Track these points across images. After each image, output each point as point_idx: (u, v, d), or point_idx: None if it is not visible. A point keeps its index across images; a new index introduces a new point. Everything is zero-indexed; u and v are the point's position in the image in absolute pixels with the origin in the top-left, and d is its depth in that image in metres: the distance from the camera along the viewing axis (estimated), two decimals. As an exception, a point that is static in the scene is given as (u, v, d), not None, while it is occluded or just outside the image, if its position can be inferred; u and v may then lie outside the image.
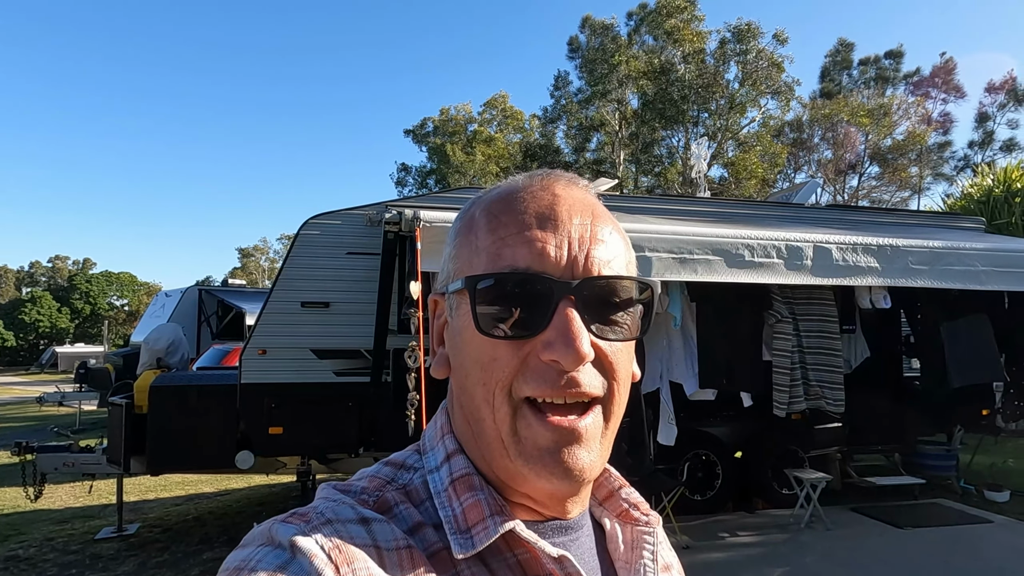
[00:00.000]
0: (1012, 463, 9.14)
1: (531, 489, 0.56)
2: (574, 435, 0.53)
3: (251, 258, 56.34)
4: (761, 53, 23.83)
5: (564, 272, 0.53)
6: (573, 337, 0.51)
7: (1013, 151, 27.20)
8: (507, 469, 0.55)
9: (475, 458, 0.58)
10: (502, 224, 0.56)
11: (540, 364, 0.52)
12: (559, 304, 0.52)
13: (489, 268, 0.54)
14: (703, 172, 10.68)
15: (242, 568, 0.47)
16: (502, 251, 0.54)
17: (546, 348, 0.52)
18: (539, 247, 0.54)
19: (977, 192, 14.27)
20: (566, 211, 0.56)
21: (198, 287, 14.34)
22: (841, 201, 24.45)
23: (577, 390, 0.52)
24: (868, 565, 5.20)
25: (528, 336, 0.53)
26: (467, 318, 0.55)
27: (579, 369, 0.52)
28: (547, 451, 0.52)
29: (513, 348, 0.53)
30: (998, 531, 6.11)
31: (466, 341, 0.56)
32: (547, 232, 0.54)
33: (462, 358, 0.57)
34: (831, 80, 29.28)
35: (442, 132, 30.37)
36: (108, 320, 38.16)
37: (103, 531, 6.47)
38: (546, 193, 0.57)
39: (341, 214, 5.69)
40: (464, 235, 0.59)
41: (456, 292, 0.57)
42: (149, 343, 6.54)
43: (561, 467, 0.52)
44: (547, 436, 0.52)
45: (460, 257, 0.58)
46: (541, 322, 0.52)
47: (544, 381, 0.52)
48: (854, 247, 4.85)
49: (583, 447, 0.53)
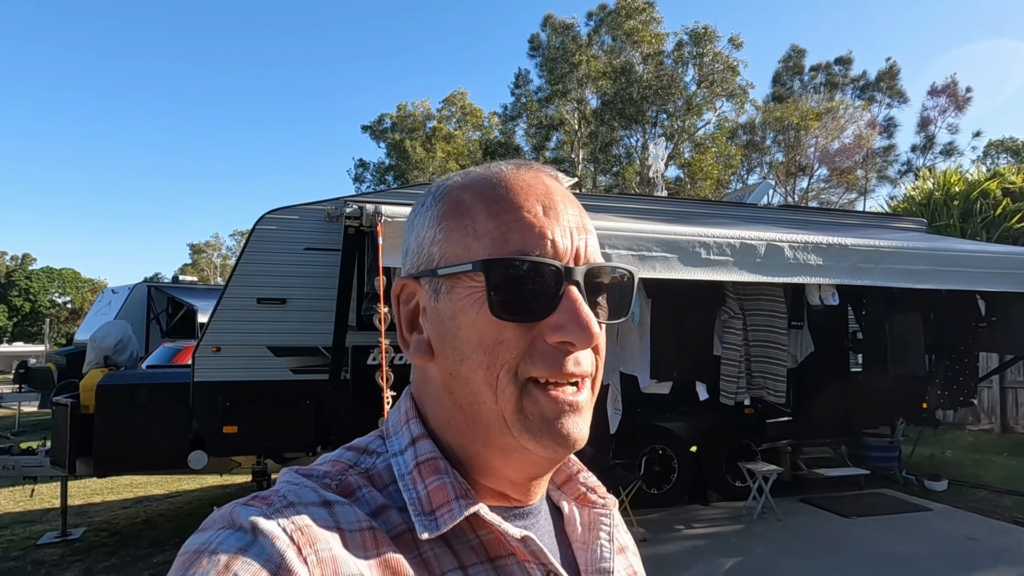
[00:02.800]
0: (950, 454, 9.60)
1: (522, 464, 0.58)
2: (575, 407, 0.56)
3: (203, 254, 54.69)
4: (717, 56, 24.31)
5: (569, 259, 0.56)
6: (586, 321, 0.54)
7: (952, 155, 28.45)
8: (505, 446, 0.56)
9: (451, 442, 0.59)
10: (504, 210, 0.57)
11: (547, 347, 0.55)
12: (567, 289, 0.55)
13: (496, 252, 0.55)
14: (660, 172, 10.85)
15: (202, 551, 0.46)
16: (508, 236, 0.55)
17: (556, 331, 0.54)
18: (548, 234, 0.56)
19: (919, 195, 14.92)
20: (562, 201, 0.59)
21: (147, 283, 13.88)
22: (792, 202, 25.16)
23: (580, 370, 0.56)
24: (816, 553, 5.38)
25: (536, 320, 0.55)
26: (466, 301, 0.55)
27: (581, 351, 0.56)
28: (552, 422, 0.55)
29: (521, 331, 0.55)
30: (936, 518, 6.40)
31: (464, 325, 0.56)
32: (551, 220, 0.57)
33: (455, 342, 0.56)
34: (782, 84, 30.08)
35: (400, 128, 30.08)
36: (50, 318, 36.67)
37: (45, 536, 6.22)
38: (539, 183, 0.59)
39: (298, 209, 5.59)
40: (454, 219, 0.58)
41: (450, 275, 0.57)
42: (96, 341, 6.31)
43: (563, 435, 0.55)
44: (553, 409, 0.55)
45: (452, 240, 0.58)
46: (550, 306, 0.55)
47: (552, 363, 0.55)
48: (805, 246, 5.01)
49: (581, 417, 0.57)
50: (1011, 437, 10.84)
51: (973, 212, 13.13)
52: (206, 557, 0.46)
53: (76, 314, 48.81)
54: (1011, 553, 5.28)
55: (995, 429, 11.39)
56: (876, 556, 5.30)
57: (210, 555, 0.46)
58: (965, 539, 5.69)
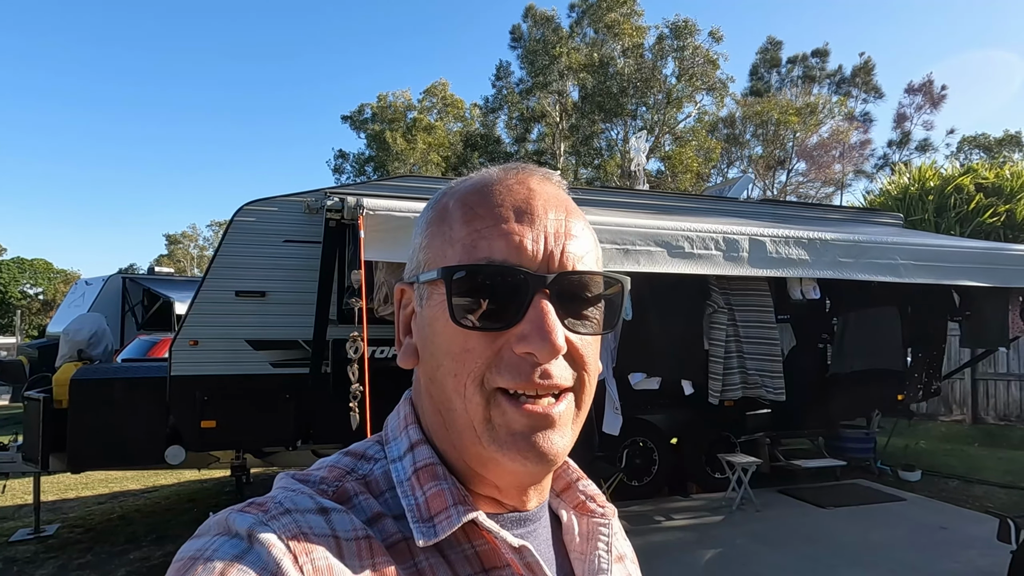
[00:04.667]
0: (924, 445, 9.79)
1: (501, 474, 0.56)
2: (548, 420, 0.54)
3: (179, 245, 53.78)
4: (697, 50, 24.46)
5: (540, 266, 0.54)
6: (548, 330, 0.52)
7: (927, 151, 28.94)
8: (479, 456, 0.55)
9: (443, 448, 0.58)
10: (478, 216, 0.56)
11: (514, 357, 0.53)
12: (534, 297, 0.53)
13: (464, 259, 0.54)
14: (642, 165, 10.87)
15: (197, 558, 0.46)
16: (478, 243, 0.54)
17: (521, 341, 0.52)
18: (516, 240, 0.54)
19: (895, 189, 15.14)
20: (542, 205, 0.56)
21: (121, 275, 13.63)
22: (771, 196, 25.43)
23: (550, 382, 0.53)
24: (794, 543, 5.47)
25: (502, 328, 0.53)
26: (439, 308, 0.55)
27: (552, 362, 0.53)
28: (520, 435, 0.53)
29: (487, 340, 0.53)
30: (910, 508, 6.53)
31: (437, 331, 0.56)
32: (523, 226, 0.55)
33: (432, 348, 0.56)
34: (760, 78, 30.31)
35: (380, 119, 29.82)
36: (21, 310, 35.91)
37: (18, 533, 6.09)
38: (522, 187, 0.57)
39: (278, 200, 5.51)
40: (437, 225, 0.58)
41: (428, 282, 0.56)
42: (69, 334, 6.17)
43: (535, 451, 0.53)
44: (521, 422, 0.53)
45: (432, 247, 0.58)
46: (516, 315, 0.53)
47: (518, 374, 0.53)
48: (786, 240, 5.05)
49: (556, 431, 0.54)
50: (981, 428, 11.11)
51: (947, 207, 13.37)
52: (201, 564, 0.45)
53: (48, 306, 47.74)
54: (981, 541, 5.40)
55: (966, 420, 11.67)
56: (852, 545, 5.39)
57: (205, 562, 0.45)
58: (937, 528, 5.82)
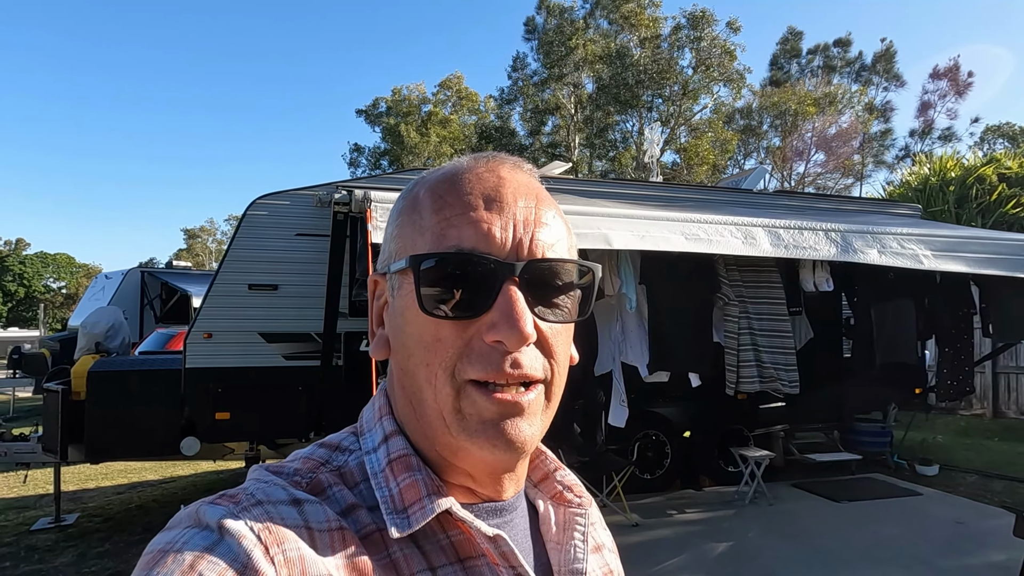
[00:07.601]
0: (941, 439, 9.66)
1: (472, 462, 0.56)
2: (517, 408, 0.53)
3: (197, 239, 54.44)
4: (715, 40, 24.16)
5: (509, 254, 0.54)
6: (517, 318, 0.51)
7: (950, 141, 28.37)
8: (449, 445, 0.55)
9: (416, 438, 0.58)
10: (447, 204, 0.55)
11: (484, 346, 0.53)
12: (503, 285, 0.52)
13: (434, 248, 0.54)
14: (656, 157, 10.79)
15: (167, 550, 0.46)
16: (447, 231, 0.54)
17: (490, 329, 0.52)
18: (485, 228, 0.53)
19: (915, 180, 14.89)
20: (511, 193, 0.56)
21: (141, 269, 13.83)
22: (788, 187, 25.12)
23: (520, 372, 0.53)
24: (807, 538, 5.42)
25: (471, 317, 0.53)
26: (409, 298, 0.55)
27: (521, 350, 0.53)
28: (490, 423, 0.53)
29: (457, 329, 0.53)
30: (927, 503, 6.45)
31: (408, 321, 0.55)
32: (492, 213, 0.54)
33: (403, 338, 0.56)
34: (780, 68, 29.91)
35: (395, 112, 29.87)
36: (44, 303, 36.54)
37: (39, 522, 6.22)
38: (492, 175, 0.57)
39: (290, 194, 5.55)
40: (408, 214, 0.58)
41: (399, 272, 0.56)
42: (87, 327, 6.28)
43: (504, 438, 0.53)
44: (492, 410, 0.53)
45: (403, 236, 0.58)
46: (485, 303, 0.52)
47: (489, 363, 0.52)
48: (802, 231, 4.99)
49: (525, 419, 0.54)
50: (1002, 422, 10.92)
51: (969, 198, 13.11)
52: (171, 556, 0.45)
53: (71, 299, 48.61)
54: (998, 536, 5.32)
55: (987, 414, 11.47)
56: (866, 540, 5.34)
57: (175, 554, 0.45)
58: (954, 523, 5.74)
